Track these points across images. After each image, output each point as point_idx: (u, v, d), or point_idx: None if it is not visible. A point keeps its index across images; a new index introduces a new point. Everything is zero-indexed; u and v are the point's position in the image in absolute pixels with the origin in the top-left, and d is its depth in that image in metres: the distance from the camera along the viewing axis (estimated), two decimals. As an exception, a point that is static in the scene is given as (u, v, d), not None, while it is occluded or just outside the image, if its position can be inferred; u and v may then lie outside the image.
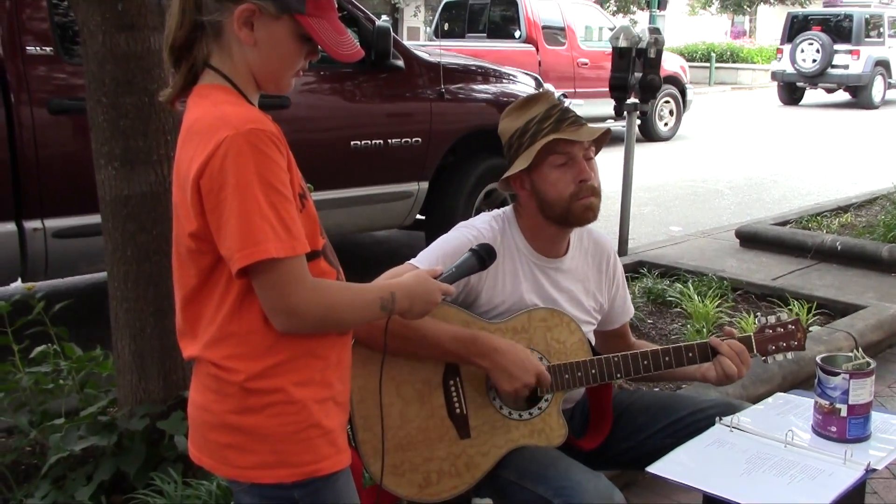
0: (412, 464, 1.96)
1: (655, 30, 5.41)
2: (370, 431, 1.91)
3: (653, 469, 1.84)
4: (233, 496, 1.63)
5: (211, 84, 1.50)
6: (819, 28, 18.45)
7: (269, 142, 1.41)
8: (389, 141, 5.12)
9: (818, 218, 6.66)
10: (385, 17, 5.41)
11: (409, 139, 5.20)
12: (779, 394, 2.27)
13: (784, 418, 2.04)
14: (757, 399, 2.68)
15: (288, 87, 1.55)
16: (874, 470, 1.80)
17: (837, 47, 18.03)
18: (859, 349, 2.10)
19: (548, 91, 2.31)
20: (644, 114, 5.50)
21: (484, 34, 12.69)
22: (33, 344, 2.85)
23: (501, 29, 12.57)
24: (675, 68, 13.05)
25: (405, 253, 2.24)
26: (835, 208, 7.02)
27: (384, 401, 1.89)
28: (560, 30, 12.29)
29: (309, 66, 1.59)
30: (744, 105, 19.17)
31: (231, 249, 1.40)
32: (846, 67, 18.05)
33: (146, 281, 2.59)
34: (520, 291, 2.12)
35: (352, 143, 4.97)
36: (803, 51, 18.27)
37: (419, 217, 5.56)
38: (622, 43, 5.21)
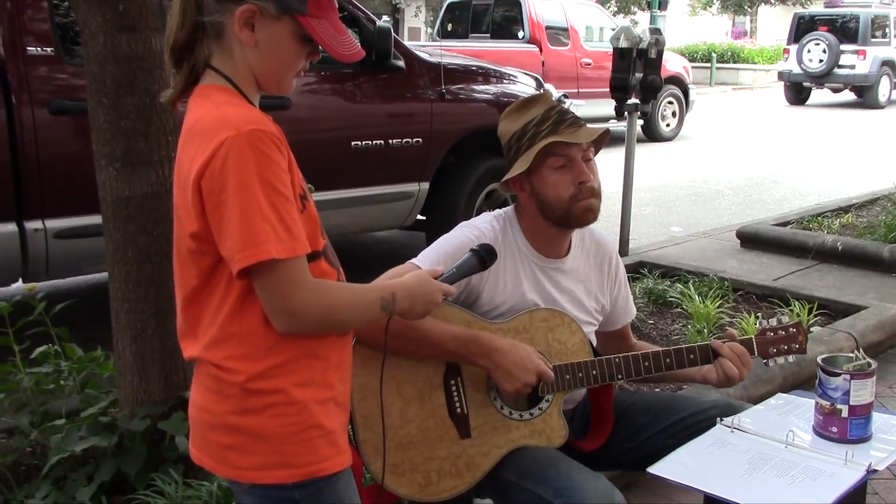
0: (412, 463, 1.96)
1: (656, 30, 5.41)
2: (371, 430, 1.91)
3: (653, 470, 1.84)
4: (234, 497, 1.63)
5: (212, 85, 1.50)
6: (825, 28, 18.53)
7: (270, 143, 1.41)
8: (390, 141, 5.12)
9: (819, 218, 6.65)
10: (386, 18, 5.41)
11: (410, 139, 5.20)
12: (780, 394, 2.27)
13: (785, 419, 2.04)
14: (758, 399, 2.68)
15: (289, 88, 1.56)
16: (875, 471, 1.79)
17: (844, 47, 18.10)
18: (860, 350, 2.10)
19: (546, 93, 2.30)
20: (645, 114, 5.50)
21: (487, 34, 12.69)
22: (34, 344, 2.85)
23: (505, 29, 12.58)
24: (678, 69, 13.06)
25: (406, 253, 2.24)
26: (836, 209, 7.02)
27: (385, 400, 1.89)
28: (563, 30, 12.30)
29: (310, 67, 1.59)
30: (747, 105, 19.18)
31: (232, 250, 1.40)
32: (852, 67, 18.13)
33: (147, 282, 2.59)
34: (521, 291, 2.12)
35: (352, 144, 4.97)
36: (810, 51, 18.35)
37: (420, 217, 5.56)
38: (623, 43, 5.21)
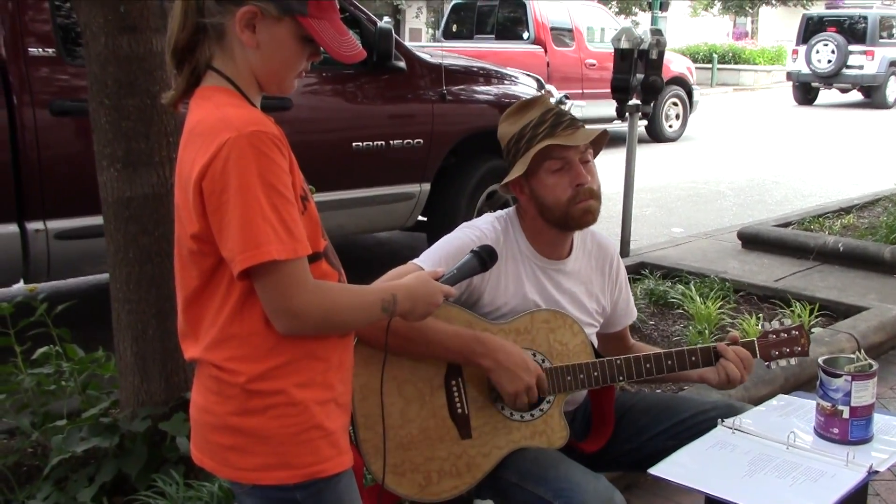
0: (413, 463, 1.96)
1: (657, 31, 5.41)
2: (371, 430, 1.91)
3: (654, 471, 1.84)
4: (234, 498, 1.63)
5: (213, 86, 1.50)
6: (834, 29, 18.67)
7: (272, 144, 1.41)
8: (391, 142, 5.12)
9: (820, 219, 6.65)
10: (387, 19, 5.41)
11: (411, 140, 5.20)
12: (781, 395, 2.27)
13: (786, 420, 2.03)
14: (759, 401, 2.68)
15: (290, 89, 1.56)
16: (876, 472, 1.79)
17: (852, 48, 18.25)
18: (861, 351, 2.10)
19: (543, 95, 2.31)
20: (646, 115, 5.50)
21: (492, 35, 12.72)
22: (35, 345, 2.86)
23: (509, 30, 12.60)
24: (682, 69, 13.10)
25: (407, 254, 2.24)
26: (837, 209, 7.01)
27: (385, 400, 1.89)
28: (568, 31, 12.33)
29: (311, 68, 1.59)
30: (752, 106, 19.23)
31: (233, 251, 1.40)
32: (861, 68, 18.29)
33: (148, 283, 2.59)
34: (522, 292, 2.12)
35: (353, 145, 4.97)
36: (818, 52, 18.50)
37: (421, 218, 5.56)
38: (624, 44, 5.21)
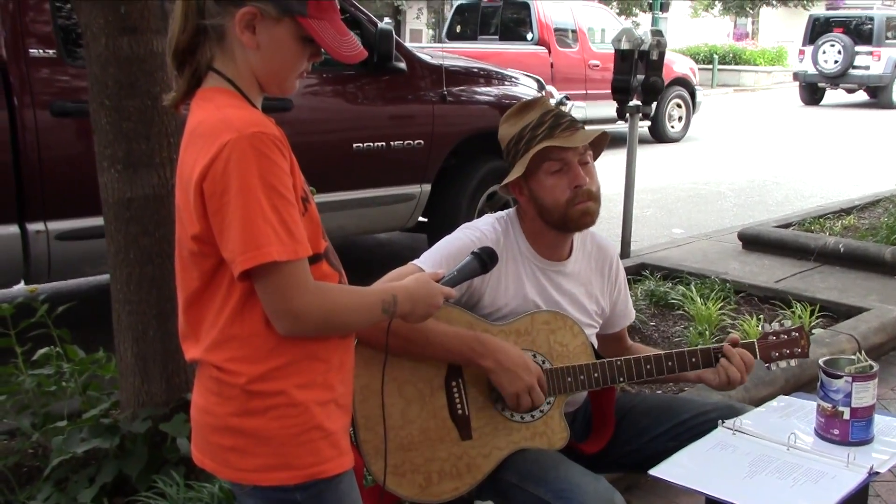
0: (413, 464, 1.96)
1: (658, 32, 5.41)
2: (372, 431, 1.91)
3: (655, 472, 1.84)
4: (235, 499, 1.63)
5: (214, 87, 1.50)
6: (840, 30, 18.85)
7: (272, 145, 1.41)
8: (392, 143, 5.12)
9: (821, 220, 6.65)
10: (387, 20, 5.41)
11: (412, 141, 5.20)
12: (781, 396, 2.27)
13: (787, 421, 2.03)
14: (759, 402, 2.68)
15: (292, 89, 1.56)
16: (877, 473, 1.79)
17: (858, 49, 18.42)
18: (862, 352, 2.10)
19: (543, 97, 2.31)
20: (646, 116, 5.50)
21: (496, 36, 12.74)
22: (36, 346, 2.86)
23: (513, 31, 12.64)
24: (685, 70, 13.14)
25: (407, 255, 2.24)
26: (838, 210, 7.02)
27: (386, 401, 1.89)
28: (571, 32, 12.36)
29: (312, 69, 1.59)
30: (754, 106, 19.29)
31: (233, 252, 1.40)
32: (867, 68, 18.46)
33: (149, 283, 2.59)
34: (523, 294, 2.12)
35: (354, 146, 4.97)
36: (825, 52, 18.67)
37: (421, 219, 5.56)
38: (624, 45, 5.21)
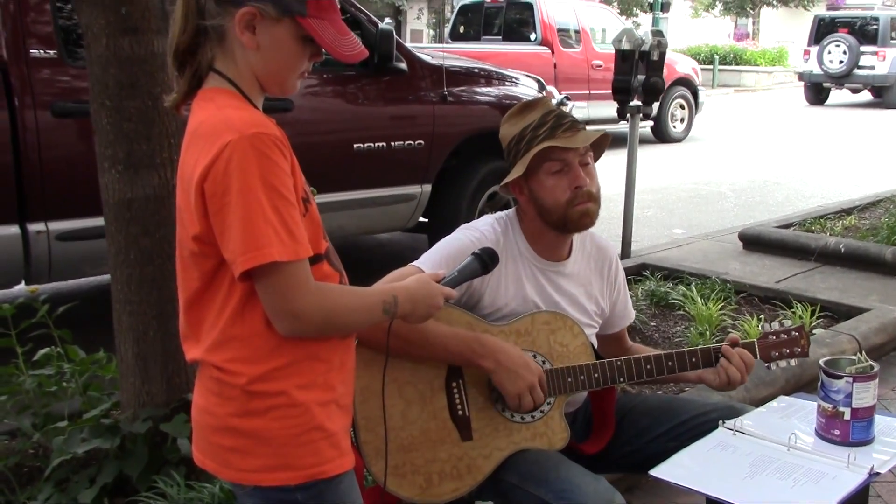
0: (413, 465, 1.96)
1: (658, 32, 5.41)
2: (372, 432, 1.91)
3: (655, 472, 1.84)
4: (236, 499, 1.63)
5: (215, 88, 1.50)
6: (845, 30, 19.03)
7: (273, 146, 1.41)
8: (392, 143, 5.12)
9: (821, 220, 6.65)
10: (388, 20, 5.41)
11: (412, 142, 5.20)
12: (782, 397, 2.27)
13: (787, 421, 2.03)
14: (760, 402, 2.68)
15: (293, 89, 1.56)
16: (878, 473, 1.79)
17: (863, 49, 18.60)
18: (863, 352, 2.10)
19: (545, 97, 2.31)
20: (647, 116, 5.50)
21: (499, 37, 12.75)
22: (37, 346, 2.86)
23: (517, 32, 12.67)
24: (688, 70, 13.18)
25: (408, 255, 2.24)
26: (838, 211, 7.02)
27: (386, 402, 1.89)
28: (574, 32, 12.39)
29: (312, 69, 1.59)
30: (758, 106, 19.34)
31: (234, 253, 1.40)
32: (872, 68, 18.66)
33: (149, 284, 2.59)
34: (522, 294, 2.12)
35: (355, 146, 4.97)
36: (830, 52, 18.86)
37: (422, 220, 5.56)
38: (625, 45, 5.21)
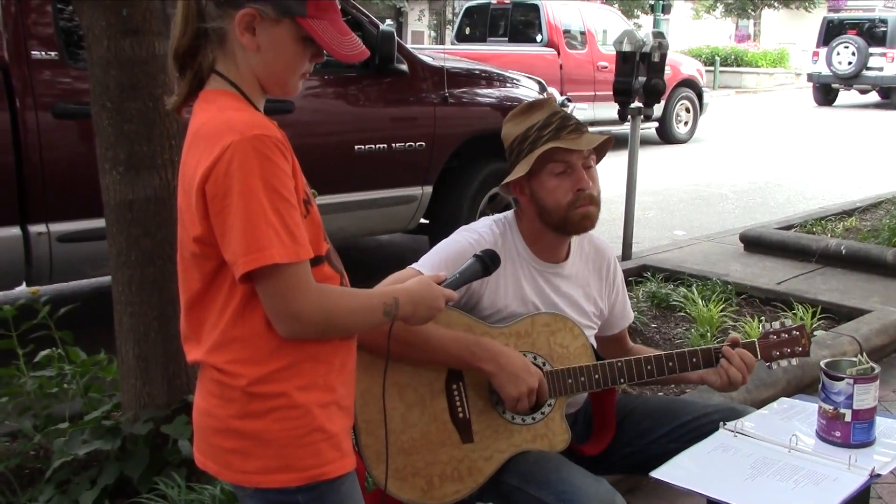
0: (414, 468, 1.96)
1: (659, 34, 5.41)
2: (373, 436, 1.90)
3: (656, 474, 1.84)
4: (237, 501, 1.63)
5: (217, 89, 1.51)
6: (854, 32, 19.28)
7: (275, 147, 1.41)
8: (393, 145, 5.12)
9: (822, 222, 6.65)
10: (389, 22, 5.42)
11: (413, 143, 5.20)
12: (783, 398, 2.26)
13: (788, 423, 2.03)
14: (761, 403, 2.68)
15: (294, 90, 1.56)
16: (878, 475, 1.79)
17: (872, 50, 18.83)
18: (864, 354, 2.09)
19: (550, 98, 2.31)
20: (648, 118, 5.50)
21: (505, 38, 12.78)
22: (38, 348, 2.86)
23: (522, 33, 12.71)
24: (692, 72, 13.23)
25: (409, 257, 2.24)
26: (839, 212, 7.01)
27: (387, 405, 1.89)
28: (580, 34, 12.43)
29: (314, 71, 1.59)
30: (763, 107, 19.43)
31: (235, 254, 1.40)
32: (880, 70, 18.89)
33: (150, 285, 2.59)
34: (522, 296, 2.12)
35: (356, 148, 4.97)
36: (839, 53, 19.08)
37: (423, 221, 5.56)
38: (626, 47, 5.21)
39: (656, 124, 12.57)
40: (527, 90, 5.97)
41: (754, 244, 6.14)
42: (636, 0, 27.21)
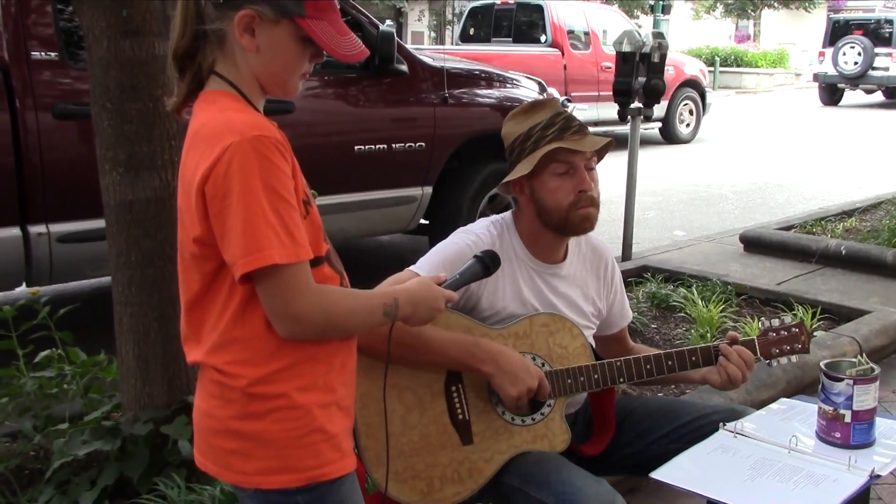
0: (414, 470, 1.95)
1: (659, 34, 5.41)
2: (373, 439, 1.90)
3: (656, 475, 1.84)
4: (237, 502, 1.63)
5: (216, 90, 1.51)
6: (860, 32, 19.51)
7: (274, 148, 1.41)
8: (393, 145, 5.12)
9: (822, 222, 6.65)
10: (389, 22, 5.42)
11: (413, 144, 5.20)
12: (783, 399, 2.26)
13: (788, 424, 2.03)
14: (761, 404, 2.68)
15: (294, 91, 1.56)
16: (878, 476, 1.79)
17: (878, 51, 19.06)
18: (863, 354, 2.10)
19: (554, 98, 2.30)
20: (648, 118, 5.50)
21: (509, 39, 12.80)
22: (38, 348, 2.86)
23: (527, 34, 12.74)
24: (695, 72, 13.27)
25: (409, 257, 2.24)
26: (839, 213, 7.02)
27: (386, 408, 1.88)
28: (584, 34, 12.46)
29: (313, 71, 1.59)
30: (766, 108, 19.48)
31: (235, 255, 1.40)
32: (886, 70, 19.11)
33: (150, 286, 2.59)
34: (520, 296, 2.12)
35: (356, 148, 4.97)
36: (845, 54, 19.28)
37: (423, 221, 5.56)
38: (626, 48, 5.21)
39: (659, 124, 12.59)
40: (527, 90, 5.97)
41: (754, 245, 6.14)
42: (636, 0, 27.21)
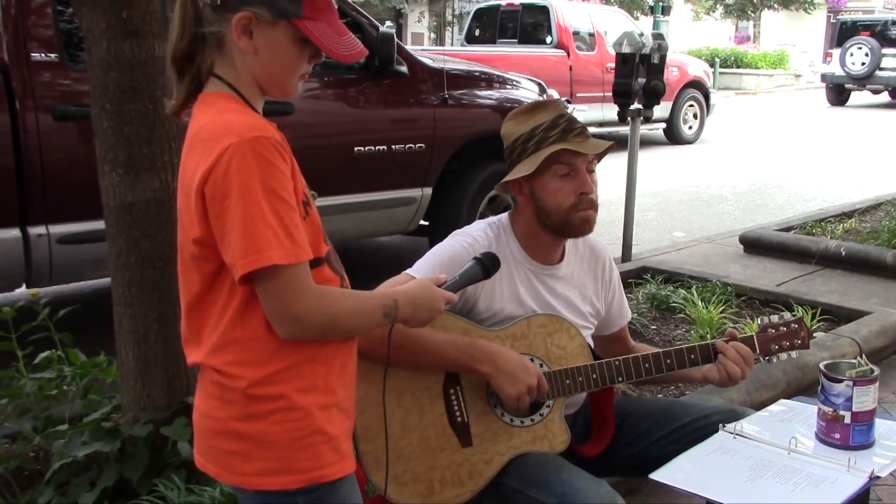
0: (414, 473, 1.95)
1: (659, 35, 5.41)
2: (372, 442, 1.90)
3: (656, 476, 1.84)
4: (237, 503, 1.63)
5: (216, 92, 1.51)
6: (867, 33, 19.71)
7: (274, 149, 1.41)
8: (393, 147, 5.12)
9: (822, 223, 6.65)
10: (389, 23, 5.42)
11: (413, 145, 5.20)
12: (782, 400, 2.26)
13: (787, 425, 2.03)
14: (761, 405, 2.68)
15: (294, 92, 1.56)
16: (878, 477, 1.79)
17: (885, 51, 19.23)
18: (863, 356, 2.10)
19: (557, 99, 2.30)
20: (647, 119, 5.50)
21: (515, 40, 12.82)
22: (37, 350, 2.86)
23: (532, 35, 12.75)
24: (699, 73, 13.29)
25: (409, 258, 2.24)
26: (839, 214, 7.01)
27: (385, 411, 1.88)
28: (589, 35, 12.49)
29: (313, 72, 1.59)
30: (772, 109, 19.53)
31: (234, 256, 1.40)
32: (893, 70, 19.28)
33: (150, 287, 2.59)
34: (518, 298, 2.12)
35: (355, 149, 4.97)
36: (853, 54, 19.43)
37: (423, 222, 5.56)
38: (626, 49, 5.21)
39: (663, 125, 12.60)
40: (527, 92, 5.97)
41: (754, 246, 6.14)
42: (636, 1, 27.22)
